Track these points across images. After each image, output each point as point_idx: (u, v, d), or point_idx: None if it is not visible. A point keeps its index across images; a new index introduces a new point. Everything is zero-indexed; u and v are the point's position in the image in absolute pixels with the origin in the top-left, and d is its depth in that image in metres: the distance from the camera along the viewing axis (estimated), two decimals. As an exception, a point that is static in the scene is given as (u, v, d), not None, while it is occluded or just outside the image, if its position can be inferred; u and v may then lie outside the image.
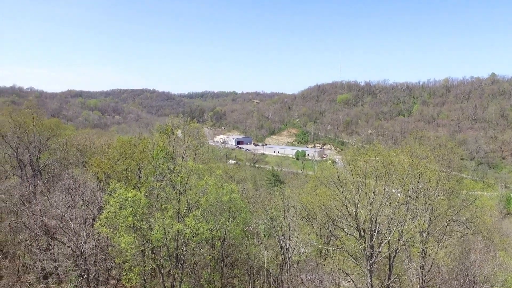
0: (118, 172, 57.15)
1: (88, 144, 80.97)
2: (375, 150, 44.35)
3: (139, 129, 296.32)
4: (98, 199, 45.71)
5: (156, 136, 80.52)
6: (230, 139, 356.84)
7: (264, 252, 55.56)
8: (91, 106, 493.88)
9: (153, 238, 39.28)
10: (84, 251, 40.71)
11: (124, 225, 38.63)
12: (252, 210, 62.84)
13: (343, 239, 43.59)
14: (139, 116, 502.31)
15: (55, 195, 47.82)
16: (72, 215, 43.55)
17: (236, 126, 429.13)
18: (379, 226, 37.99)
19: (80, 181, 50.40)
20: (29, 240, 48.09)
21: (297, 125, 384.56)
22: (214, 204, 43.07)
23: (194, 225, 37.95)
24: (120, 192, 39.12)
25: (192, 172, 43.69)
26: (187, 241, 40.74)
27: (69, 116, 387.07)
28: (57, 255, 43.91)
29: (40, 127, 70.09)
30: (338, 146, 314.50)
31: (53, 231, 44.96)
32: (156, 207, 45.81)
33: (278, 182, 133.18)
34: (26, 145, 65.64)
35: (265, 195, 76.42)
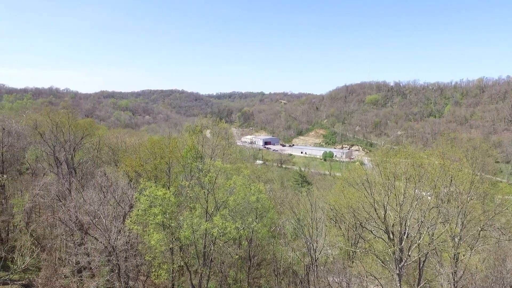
0: (148, 171, 58.46)
1: (119, 143, 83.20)
2: (405, 151, 43.40)
3: (168, 129, 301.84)
4: (129, 197, 46.77)
5: (185, 136, 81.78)
6: (257, 140, 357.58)
7: (290, 253, 55.42)
8: (122, 106, 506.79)
9: (182, 236, 39.85)
10: (115, 247, 41.85)
11: (154, 222, 39.36)
12: (279, 210, 62.80)
13: (371, 241, 42.87)
14: (169, 116, 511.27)
15: (88, 192, 49.39)
16: (104, 211, 44.88)
17: (263, 127, 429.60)
18: (409, 229, 37.14)
19: (112, 179, 51.75)
20: (64, 234, 49.76)
21: (324, 126, 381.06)
22: (241, 204, 43.30)
23: (221, 224, 38.27)
24: (150, 190, 39.88)
25: (220, 171, 44.11)
26: (214, 240, 41.16)
27: (102, 116, 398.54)
28: (90, 250, 45.34)
29: (75, 127, 72.59)
30: (367, 147, 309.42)
31: (87, 227, 46.39)
32: (185, 206, 46.51)
33: (305, 183, 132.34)
34: (62, 143, 68.18)
35: (292, 195, 76.17)
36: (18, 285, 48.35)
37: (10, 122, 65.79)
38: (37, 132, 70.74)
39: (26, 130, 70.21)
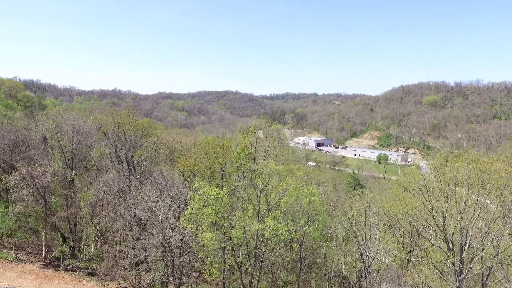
0: (202, 171, 59.97)
1: (175, 143, 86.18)
2: (467, 156, 40.76)
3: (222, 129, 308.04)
4: (184, 195, 48.12)
5: (239, 137, 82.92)
6: (310, 141, 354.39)
7: (342, 257, 54.24)
8: (179, 107, 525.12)
9: (234, 236, 40.29)
10: (170, 243, 43.36)
11: (207, 221, 40.13)
12: (332, 213, 61.75)
13: (428, 250, 40.81)
14: (223, 117, 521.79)
15: (146, 190, 51.60)
16: (160, 209, 46.66)
17: (316, 128, 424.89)
18: (471, 239, 34.80)
19: (168, 178, 53.67)
20: (124, 229, 52.27)
21: (379, 128, 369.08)
22: (293, 206, 43.06)
23: (273, 226, 38.26)
24: (204, 190, 40.70)
25: (273, 173, 44.13)
26: (266, 241, 41.26)
27: (160, 116, 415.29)
28: (147, 245, 47.33)
29: (135, 126, 76.27)
30: (424, 150, 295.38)
31: (144, 223, 48.46)
32: (237, 206, 47.07)
33: (358, 186, 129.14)
34: (123, 142, 71.94)
35: (345, 199, 74.54)
36: (84, 272, 51.75)
37: (79, 121, 70.41)
38: (102, 132, 75.38)
39: (92, 129, 74.85)
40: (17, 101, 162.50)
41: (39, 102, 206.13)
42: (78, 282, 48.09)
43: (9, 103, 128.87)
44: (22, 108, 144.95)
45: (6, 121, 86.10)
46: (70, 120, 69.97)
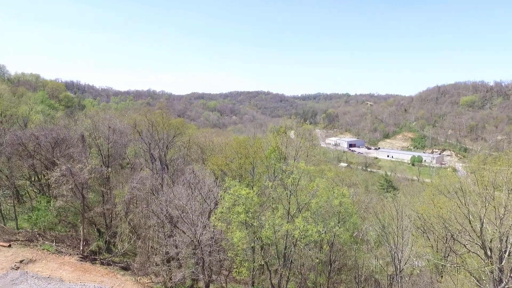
0: (233, 170, 60.52)
1: (207, 142, 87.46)
2: (507, 158, 38.97)
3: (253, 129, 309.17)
4: (215, 194, 48.73)
5: (270, 137, 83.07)
6: (342, 142, 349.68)
7: (373, 260, 53.22)
8: (211, 107, 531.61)
9: (263, 236, 40.41)
10: (200, 241, 44.05)
11: (237, 221, 40.45)
12: (363, 215, 60.74)
13: (464, 256, 39.33)
14: (254, 117, 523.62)
15: (178, 188, 52.64)
16: (191, 207, 47.50)
17: (348, 129, 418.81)
18: (511, 247, 33.31)
19: (199, 177, 54.54)
20: (156, 226, 53.56)
21: (413, 129, 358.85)
22: (324, 207, 42.71)
23: (303, 227, 38.10)
24: (234, 189, 41.04)
25: (304, 173, 43.92)
26: (295, 242, 41.13)
27: (192, 116, 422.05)
28: (178, 242, 48.28)
29: (168, 126, 78.04)
30: (460, 152, 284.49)
31: (176, 220, 49.45)
32: (267, 206, 47.21)
33: (391, 188, 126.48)
34: (157, 141, 73.78)
35: (377, 201, 73.02)
36: (118, 266, 53.51)
37: (115, 121, 72.81)
38: (136, 131, 77.66)
39: (127, 129, 77.18)
40: (59, 101, 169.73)
41: (78, 102, 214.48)
42: (113, 276, 49.76)
43: (52, 103, 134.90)
44: (63, 108, 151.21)
45: (48, 120, 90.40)
46: (106, 120, 72.51)
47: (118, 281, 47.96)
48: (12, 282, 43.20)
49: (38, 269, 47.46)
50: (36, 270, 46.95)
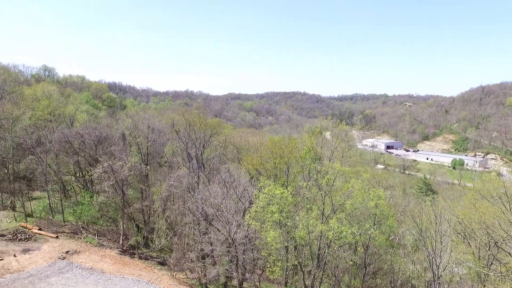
0: (268, 170, 60.91)
1: (243, 142, 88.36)
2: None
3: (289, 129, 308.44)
4: (249, 193, 49.22)
5: (305, 137, 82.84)
6: (379, 143, 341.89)
7: (410, 265, 51.76)
8: (247, 107, 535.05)
9: (297, 236, 40.46)
10: (235, 239, 44.68)
11: (271, 220, 40.69)
12: (399, 219, 59.26)
13: (510, 265, 37.52)
14: (290, 118, 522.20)
15: (213, 186, 53.62)
16: (226, 205, 48.27)
17: (386, 130, 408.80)
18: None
19: (234, 176, 55.31)
20: (192, 223, 54.76)
21: (454, 131, 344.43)
22: (359, 209, 42.15)
23: (337, 228, 37.80)
24: (269, 188, 41.32)
25: (339, 174, 43.55)
26: (329, 243, 40.87)
27: (229, 116, 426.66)
28: (213, 240, 49.18)
29: (205, 126, 79.68)
30: (506, 156, 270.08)
31: (211, 218, 50.36)
32: (301, 206, 47.17)
33: (430, 191, 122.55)
34: (194, 141, 75.50)
35: (415, 204, 70.93)
36: (155, 261, 55.23)
37: (154, 120, 75.15)
38: (174, 130, 79.81)
39: (165, 128, 79.43)
40: (102, 101, 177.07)
41: (120, 102, 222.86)
42: (150, 270, 51.42)
43: (96, 103, 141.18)
44: (106, 108, 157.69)
45: (92, 120, 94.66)
46: (146, 119, 74.98)
47: (155, 276, 49.51)
48: (59, 270, 45.77)
49: (81, 260, 49.94)
50: (80, 261, 49.42)
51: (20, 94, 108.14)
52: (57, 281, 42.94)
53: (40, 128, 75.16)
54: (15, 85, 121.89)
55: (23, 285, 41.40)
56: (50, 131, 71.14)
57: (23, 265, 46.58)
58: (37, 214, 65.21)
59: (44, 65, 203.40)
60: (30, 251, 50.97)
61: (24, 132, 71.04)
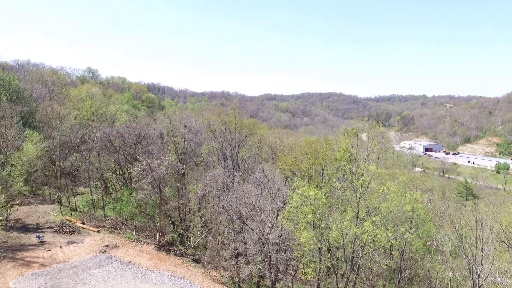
0: (302, 170, 60.86)
1: (278, 142, 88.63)
2: None
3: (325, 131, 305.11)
4: (283, 194, 49.42)
5: (340, 138, 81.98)
6: (417, 145, 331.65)
7: (448, 272, 49.98)
8: (283, 108, 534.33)
9: (330, 238, 40.19)
10: (268, 239, 45.04)
11: (305, 221, 40.61)
12: (438, 223, 57.36)
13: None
14: (326, 119, 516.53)
15: (248, 186, 54.27)
16: (260, 205, 48.73)
17: (424, 132, 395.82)
18: None
19: (269, 176, 55.70)
20: (226, 222, 55.70)
21: (499, 133, 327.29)
22: (394, 212, 41.29)
23: (372, 231, 37.23)
24: (303, 189, 41.29)
25: (374, 176, 42.87)
26: (363, 246, 40.31)
27: (264, 117, 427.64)
28: (246, 239, 49.80)
29: (240, 126, 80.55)
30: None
31: (245, 218, 51.01)
32: (335, 208, 46.81)
33: (471, 196, 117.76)
34: (229, 141, 76.57)
35: (454, 209, 68.28)
36: (190, 258, 56.59)
37: (191, 120, 76.98)
38: (210, 130, 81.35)
39: (202, 128, 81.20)
40: (141, 101, 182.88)
41: (158, 102, 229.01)
42: (185, 267, 52.75)
43: (135, 104, 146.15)
44: (145, 108, 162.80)
45: (132, 119, 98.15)
46: (183, 119, 76.92)
47: (190, 272, 50.73)
48: (100, 263, 47.95)
49: (120, 254, 52.02)
50: (119, 255, 51.49)
51: (67, 95, 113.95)
52: (98, 273, 44.98)
53: (84, 127, 78.95)
54: (62, 86, 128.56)
55: (68, 275, 43.71)
56: (93, 130, 74.59)
57: (68, 256, 49.16)
58: (80, 209, 68.55)
59: (89, 67, 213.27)
60: (74, 243, 53.70)
61: (70, 131, 74.89)
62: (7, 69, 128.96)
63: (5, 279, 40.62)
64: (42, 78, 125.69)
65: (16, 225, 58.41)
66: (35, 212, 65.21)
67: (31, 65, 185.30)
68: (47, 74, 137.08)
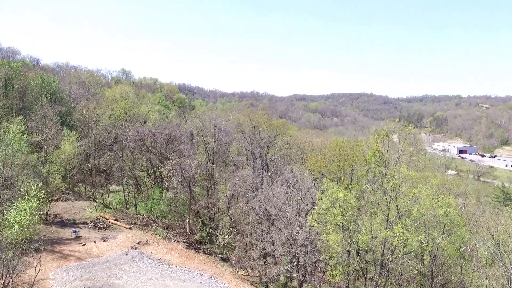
0: (332, 172, 60.33)
1: (307, 143, 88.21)
2: None
3: (355, 131, 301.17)
4: (312, 195, 49.21)
5: (370, 140, 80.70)
6: (451, 147, 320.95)
7: (484, 280, 48.17)
8: (312, 108, 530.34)
9: (359, 241, 39.74)
10: (296, 240, 45.02)
11: (333, 223, 40.34)
12: (472, 229, 55.46)
13: None
14: (356, 119, 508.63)
15: (277, 187, 54.37)
16: (289, 206, 48.75)
17: (458, 134, 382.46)
18: None
19: (298, 177, 55.59)
20: (255, 222, 56.09)
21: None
22: (426, 216, 40.30)
23: (402, 235, 36.53)
24: (332, 191, 41.03)
25: (405, 179, 42.05)
26: (393, 250, 39.61)
27: (293, 117, 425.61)
28: (274, 240, 49.97)
29: (270, 126, 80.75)
30: None
31: (273, 218, 51.19)
32: (365, 211, 46.20)
33: (508, 201, 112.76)
34: (258, 141, 76.93)
35: (490, 214, 65.71)
36: (219, 257, 57.37)
37: (221, 121, 77.95)
38: (239, 130, 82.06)
39: (231, 128, 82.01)
40: (173, 102, 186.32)
41: (189, 103, 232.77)
42: (213, 265, 53.54)
43: (167, 104, 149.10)
44: (176, 108, 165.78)
45: (163, 119, 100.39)
46: (213, 119, 77.96)
47: (218, 271, 51.46)
48: (132, 259, 49.49)
49: (151, 251, 53.44)
50: (150, 252, 52.92)
51: (102, 96, 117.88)
52: (129, 268, 46.44)
53: (118, 127, 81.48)
54: (98, 87, 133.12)
55: (102, 269, 45.38)
56: (126, 130, 76.87)
57: (102, 251, 51.00)
58: (113, 206, 70.87)
59: (122, 68, 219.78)
60: (108, 239, 55.62)
61: (104, 130, 77.53)
62: (48, 71, 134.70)
63: (45, 270, 42.71)
64: (79, 80, 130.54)
65: (54, 220, 61.19)
66: (71, 208, 68.02)
67: (69, 67, 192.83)
68: (84, 76, 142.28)
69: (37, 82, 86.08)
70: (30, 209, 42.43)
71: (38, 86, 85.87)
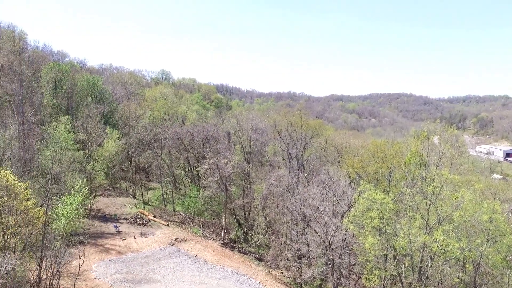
0: (369, 174, 59.11)
1: (344, 144, 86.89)
2: None
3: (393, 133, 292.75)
4: (349, 197, 48.53)
5: (410, 141, 78.35)
6: (496, 150, 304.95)
7: (534, 292, 45.53)
8: (349, 109, 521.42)
9: (397, 245, 38.78)
10: (331, 242, 44.55)
11: (370, 226, 39.59)
12: (522, 238, 52.51)
13: None
14: (394, 120, 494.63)
15: (312, 188, 54.00)
16: (325, 207, 48.30)
17: (505, 136, 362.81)
18: None
19: (334, 178, 54.97)
20: (290, 222, 56.08)
21: None
22: (468, 222, 38.63)
23: (443, 240, 35.23)
24: (369, 193, 40.31)
25: (446, 182, 40.54)
26: (433, 256, 38.29)
27: (330, 118, 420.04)
28: (309, 241, 49.66)
29: (306, 127, 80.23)
30: None
31: (309, 219, 50.87)
32: (403, 214, 45.00)
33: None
34: (295, 141, 76.70)
35: (542, 222, 62.07)
36: (253, 257, 57.81)
37: (257, 121, 78.51)
38: (276, 130, 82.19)
39: (268, 128, 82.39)
40: (210, 102, 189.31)
41: (226, 103, 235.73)
42: (248, 264, 53.98)
43: (204, 104, 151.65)
44: (214, 108, 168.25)
45: (201, 119, 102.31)
46: (250, 119, 78.59)
47: (252, 270, 51.83)
48: (169, 255, 50.89)
49: (187, 248, 54.68)
50: (186, 249, 54.16)
51: (142, 96, 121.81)
52: (166, 264, 47.77)
53: (157, 126, 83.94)
54: (139, 87, 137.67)
55: (140, 263, 47.00)
56: (165, 129, 79.08)
57: (141, 246, 52.82)
58: (152, 203, 73.10)
59: (162, 69, 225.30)
60: (146, 235, 57.50)
61: (144, 129, 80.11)
62: (93, 72, 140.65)
63: (89, 262, 44.89)
64: (122, 80, 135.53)
65: (97, 215, 64.03)
66: (113, 204, 70.88)
67: (112, 69, 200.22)
68: (125, 77, 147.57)
69: (83, 83, 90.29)
70: (75, 203, 44.79)
71: (84, 87, 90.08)
